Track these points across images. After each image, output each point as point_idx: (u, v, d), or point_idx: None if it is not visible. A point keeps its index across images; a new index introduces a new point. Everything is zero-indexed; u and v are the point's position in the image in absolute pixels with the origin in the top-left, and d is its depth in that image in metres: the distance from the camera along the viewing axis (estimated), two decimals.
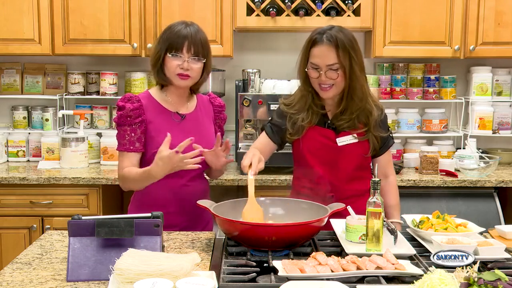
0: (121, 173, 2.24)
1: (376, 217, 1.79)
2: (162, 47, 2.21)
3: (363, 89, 2.26)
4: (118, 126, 2.24)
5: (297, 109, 2.31)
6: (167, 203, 2.25)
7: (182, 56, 2.19)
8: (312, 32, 2.26)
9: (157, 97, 2.29)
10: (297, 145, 2.33)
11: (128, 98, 2.24)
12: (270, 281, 1.61)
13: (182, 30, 2.21)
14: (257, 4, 3.38)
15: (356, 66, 2.21)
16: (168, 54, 2.20)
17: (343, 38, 2.19)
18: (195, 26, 2.25)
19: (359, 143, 2.29)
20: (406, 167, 3.57)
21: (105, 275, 1.66)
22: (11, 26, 3.43)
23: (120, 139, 2.24)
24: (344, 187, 2.30)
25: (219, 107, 2.45)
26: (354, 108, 2.26)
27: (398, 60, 3.71)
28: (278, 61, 3.80)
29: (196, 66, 2.22)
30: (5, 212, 3.20)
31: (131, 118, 2.20)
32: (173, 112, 2.28)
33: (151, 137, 2.23)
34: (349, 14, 3.41)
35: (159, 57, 2.22)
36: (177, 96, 2.31)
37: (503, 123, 3.70)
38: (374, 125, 2.29)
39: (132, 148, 2.21)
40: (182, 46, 2.19)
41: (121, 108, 2.22)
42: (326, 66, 2.19)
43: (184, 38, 2.19)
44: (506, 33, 3.45)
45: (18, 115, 3.73)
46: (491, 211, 3.23)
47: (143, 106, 2.23)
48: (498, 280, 1.45)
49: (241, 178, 3.22)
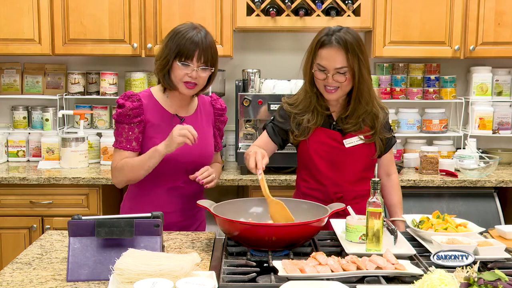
0: (114, 165, 2.20)
1: (376, 217, 1.79)
2: (171, 53, 2.14)
3: (370, 92, 2.25)
4: (117, 123, 2.22)
5: (301, 109, 2.30)
6: (160, 203, 2.23)
7: (192, 65, 2.14)
8: (319, 33, 2.22)
9: (159, 97, 2.26)
10: (303, 146, 2.32)
11: (128, 96, 2.20)
12: (270, 281, 1.61)
13: (194, 37, 2.13)
14: (257, 4, 3.38)
15: (364, 69, 2.19)
16: (178, 62, 2.14)
17: (352, 41, 2.16)
18: (204, 31, 2.18)
19: (365, 145, 2.29)
20: (406, 167, 3.57)
21: (105, 275, 1.66)
22: (11, 26, 3.43)
23: (117, 136, 2.22)
24: (351, 188, 2.30)
25: (220, 110, 2.41)
26: (361, 111, 2.25)
27: (398, 60, 3.71)
28: (278, 61, 3.81)
29: (204, 75, 2.18)
30: (5, 212, 3.20)
31: (130, 117, 2.19)
32: (173, 115, 2.26)
33: (149, 138, 2.21)
34: (349, 14, 3.41)
35: (166, 62, 2.16)
36: (179, 100, 2.28)
37: (503, 123, 3.70)
38: (380, 127, 2.29)
39: (129, 147, 2.20)
40: (193, 55, 2.13)
41: (121, 106, 2.20)
42: (334, 69, 2.17)
43: (196, 46, 2.13)
44: (506, 33, 3.45)
45: (18, 115, 3.73)
46: (491, 211, 3.23)
47: (143, 106, 2.20)
48: (498, 280, 1.45)
49: (241, 178, 3.22)
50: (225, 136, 3.70)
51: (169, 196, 2.26)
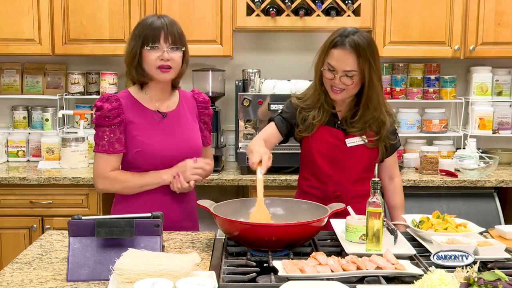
0: (100, 173, 2.17)
1: (376, 217, 1.79)
2: (137, 42, 2.13)
3: (379, 98, 2.26)
4: (97, 127, 2.17)
5: (309, 104, 2.31)
6: (150, 202, 2.19)
7: (160, 46, 2.12)
8: (334, 33, 2.23)
9: (137, 96, 2.22)
10: (306, 143, 2.33)
11: (106, 97, 2.16)
12: (270, 281, 1.61)
13: (155, 21, 2.14)
14: (257, 4, 3.38)
15: (374, 75, 2.20)
16: (146, 47, 2.12)
17: (365, 46, 2.16)
18: (167, 17, 2.18)
19: (368, 148, 2.30)
20: (406, 167, 3.58)
21: (105, 275, 1.66)
22: (11, 26, 3.43)
23: (98, 140, 2.17)
24: (350, 187, 2.31)
25: (203, 102, 2.36)
26: (369, 116, 2.26)
27: (398, 60, 3.71)
28: (278, 61, 3.81)
29: (176, 56, 2.15)
30: (5, 212, 3.20)
31: (110, 118, 2.14)
32: (154, 111, 2.22)
33: (132, 137, 2.17)
34: (349, 14, 3.41)
35: (135, 53, 2.13)
36: (158, 92, 2.23)
37: (503, 123, 3.70)
38: (386, 134, 2.30)
39: (112, 150, 2.15)
40: (159, 37, 2.11)
41: (99, 108, 2.15)
42: (343, 71, 2.18)
43: (159, 29, 2.12)
44: (506, 33, 3.45)
45: (18, 115, 3.73)
46: (491, 211, 3.23)
47: (122, 105, 2.16)
48: (498, 280, 1.45)
49: (241, 178, 3.22)
50: (225, 136, 3.70)
51: (159, 195, 2.21)
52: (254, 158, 2.06)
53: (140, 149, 2.16)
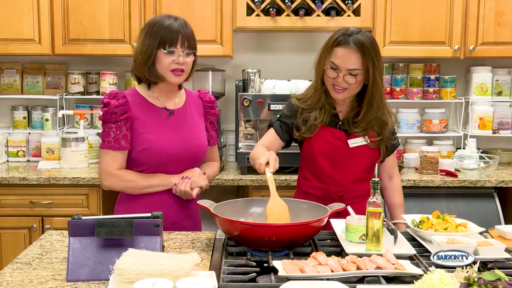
0: (105, 169, 2.18)
1: (376, 217, 1.79)
2: (153, 43, 2.13)
3: (382, 98, 2.26)
4: (103, 123, 2.19)
5: (309, 105, 2.30)
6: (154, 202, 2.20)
7: (176, 51, 2.13)
8: (336, 32, 2.23)
9: (144, 94, 2.23)
10: (308, 144, 2.33)
11: (113, 94, 2.18)
12: (270, 281, 1.61)
13: (172, 24, 2.14)
14: (257, 4, 3.38)
15: (377, 74, 2.20)
16: (162, 50, 2.13)
17: (369, 45, 2.17)
18: (182, 19, 2.19)
19: (370, 148, 2.30)
20: (406, 167, 3.57)
21: (105, 275, 1.66)
22: (11, 26, 3.43)
23: (104, 137, 2.18)
24: (352, 187, 2.31)
25: (209, 102, 2.38)
26: (372, 116, 2.26)
27: (398, 60, 3.71)
28: (278, 61, 3.81)
29: (190, 60, 2.18)
30: (5, 212, 3.20)
31: (116, 115, 2.15)
32: (161, 108, 2.23)
33: (138, 134, 2.18)
34: (349, 14, 3.41)
35: (150, 54, 2.13)
36: (166, 92, 2.25)
37: (503, 123, 3.70)
38: (388, 135, 2.30)
39: (117, 146, 2.16)
40: (177, 41, 2.12)
41: (106, 104, 2.16)
42: (347, 69, 2.18)
43: (177, 33, 2.13)
44: (506, 33, 3.45)
45: (18, 115, 3.73)
46: (491, 211, 3.23)
47: (129, 102, 2.17)
48: (498, 280, 1.45)
49: (241, 178, 3.22)
50: (225, 136, 3.70)
51: (162, 195, 2.22)
52: (261, 160, 2.07)
53: (146, 146, 2.16)
